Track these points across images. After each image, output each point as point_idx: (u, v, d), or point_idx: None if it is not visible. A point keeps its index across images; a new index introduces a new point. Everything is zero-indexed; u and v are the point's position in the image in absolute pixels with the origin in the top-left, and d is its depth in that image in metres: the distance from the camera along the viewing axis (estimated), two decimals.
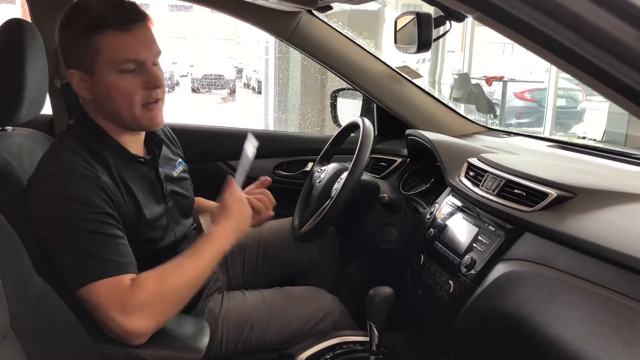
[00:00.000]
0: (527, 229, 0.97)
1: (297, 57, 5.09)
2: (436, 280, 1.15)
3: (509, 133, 1.75)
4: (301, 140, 2.00)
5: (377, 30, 6.92)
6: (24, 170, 1.05)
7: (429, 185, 1.53)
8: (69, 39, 1.00)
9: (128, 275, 0.93)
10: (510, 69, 9.76)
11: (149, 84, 1.01)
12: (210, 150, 1.87)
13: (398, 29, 1.49)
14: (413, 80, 1.79)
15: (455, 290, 1.07)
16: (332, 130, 1.92)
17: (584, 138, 6.25)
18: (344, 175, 1.36)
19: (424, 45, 1.36)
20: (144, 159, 1.11)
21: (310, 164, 1.83)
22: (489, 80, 7.91)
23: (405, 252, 1.38)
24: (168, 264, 0.98)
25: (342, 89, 2.05)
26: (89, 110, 1.06)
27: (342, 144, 1.61)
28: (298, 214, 1.53)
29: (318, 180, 1.51)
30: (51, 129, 1.68)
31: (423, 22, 1.35)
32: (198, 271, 1.00)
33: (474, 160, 1.26)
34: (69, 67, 1.02)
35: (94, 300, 0.90)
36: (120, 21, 0.97)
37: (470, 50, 9.12)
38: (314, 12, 1.68)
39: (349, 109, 2.08)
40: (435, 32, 1.38)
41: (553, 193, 0.96)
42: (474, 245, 1.07)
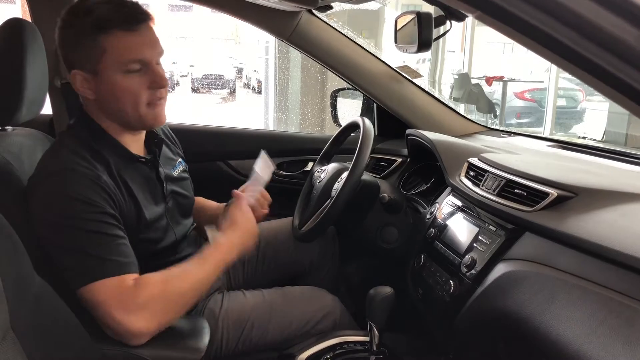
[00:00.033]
0: (528, 229, 0.97)
1: (297, 57, 5.09)
2: (436, 280, 1.15)
3: (509, 133, 1.75)
4: (301, 140, 2.00)
5: (377, 30, 6.92)
6: (24, 170, 1.05)
7: (429, 185, 1.53)
8: (72, 39, 0.99)
9: (130, 275, 0.93)
10: (510, 68, 9.76)
11: (155, 83, 1.02)
12: (211, 150, 1.87)
13: (398, 29, 1.49)
14: (413, 80, 1.79)
15: (455, 290, 1.07)
16: (332, 130, 1.92)
17: (584, 138, 6.24)
18: (344, 175, 1.36)
19: (425, 44, 1.36)
20: (144, 159, 1.11)
21: (311, 164, 1.83)
22: (489, 80, 7.91)
23: (406, 252, 1.38)
24: (173, 267, 0.99)
25: (342, 89, 2.05)
26: (89, 110, 1.06)
27: (343, 144, 1.61)
28: (298, 214, 1.53)
29: (318, 180, 1.51)
30: (51, 129, 1.68)
31: (423, 22, 1.35)
32: (202, 277, 1.00)
33: (475, 160, 1.26)
34: (71, 68, 1.01)
35: (95, 299, 0.90)
36: (126, 21, 0.98)
37: (471, 50, 9.12)
38: (314, 12, 1.68)
39: (349, 108, 2.08)
40: (435, 32, 1.38)
41: (553, 193, 0.96)
42: (475, 245, 1.07)
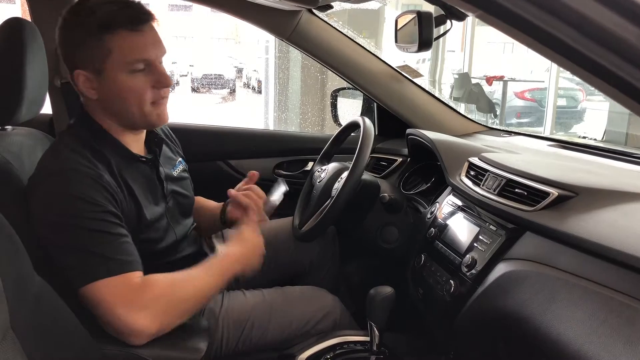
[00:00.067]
0: (528, 229, 0.97)
1: (298, 57, 5.08)
2: (437, 280, 1.15)
3: (510, 132, 1.75)
4: (301, 140, 2.00)
5: (378, 30, 6.91)
6: (24, 170, 1.05)
7: (429, 184, 1.52)
8: (75, 39, 0.99)
9: (134, 274, 0.93)
10: (510, 68, 9.76)
11: (159, 83, 1.02)
12: (211, 149, 1.87)
13: (399, 28, 1.49)
14: (414, 79, 1.79)
15: (456, 290, 1.07)
16: (333, 129, 1.92)
17: (584, 138, 6.24)
18: (345, 174, 1.36)
19: (425, 44, 1.36)
20: (145, 158, 1.10)
21: (311, 164, 1.82)
22: (490, 80, 7.90)
23: (406, 252, 1.38)
24: (179, 272, 1.00)
25: (343, 88, 2.05)
26: (90, 109, 1.05)
27: (343, 144, 1.61)
28: (298, 214, 1.53)
29: (318, 180, 1.51)
30: (51, 129, 1.68)
31: (424, 21, 1.35)
32: (207, 284, 1.01)
33: (475, 160, 1.26)
34: (74, 68, 1.00)
35: (99, 297, 0.90)
36: (131, 21, 0.98)
37: (471, 50, 9.12)
38: (314, 11, 1.68)
39: (350, 108, 2.08)
40: (435, 31, 1.38)
41: (554, 192, 0.96)
42: (475, 244, 1.07)
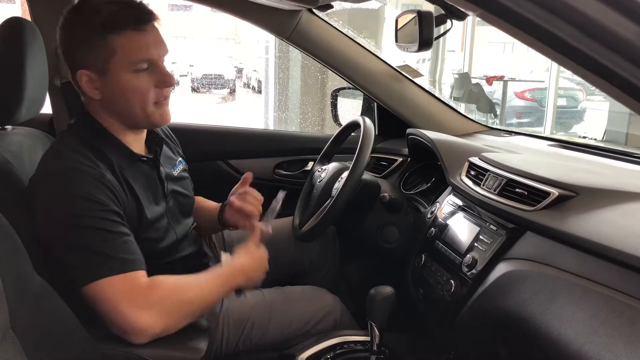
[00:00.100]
0: (529, 228, 0.97)
1: (298, 56, 5.08)
2: (437, 280, 1.15)
3: (510, 132, 1.75)
4: (301, 140, 2.00)
5: (378, 30, 6.91)
6: (24, 169, 1.05)
7: (429, 184, 1.52)
8: (78, 39, 0.99)
9: (139, 272, 0.94)
10: (510, 68, 9.76)
11: (162, 82, 1.02)
12: (211, 149, 1.87)
13: (399, 28, 1.49)
14: (414, 79, 1.78)
15: (456, 290, 1.07)
16: (333, 129, 1.92)
17: (584, 137, 6.23)
18: (345, 174, 1.36)
19: (425, 43, 1.36)
20: (146, 158, 1.10)
21: (311, 164, 1.82)
22: (490, 80, 7.90)
23: (406, 252, 1.38)
24: (185, 276, 1.00)
25: (343, 88, 2.05)
26: (92, 109, 1.05)
27: (343, 143, 1.61)
28: (298, 214, 1.52)
29: (319, 180, 1.51)
30: (51, 128, 1.68)
31: (424, 21, 1.35)
32: (211, 291, 1.02)
33: (475, 160, 1.25)
34: (76, 68, 1.00)
35: (102, 296, 0.90)
36: (135, 21, 0.98)
37: (471, 50, 9.11)
38: (315, 11, 1.68)
39: (350, 108, 2.08)
40: (436, 31, 1.38)
41: (554, 192, 0.96)
42: (475, 244, 1.07)
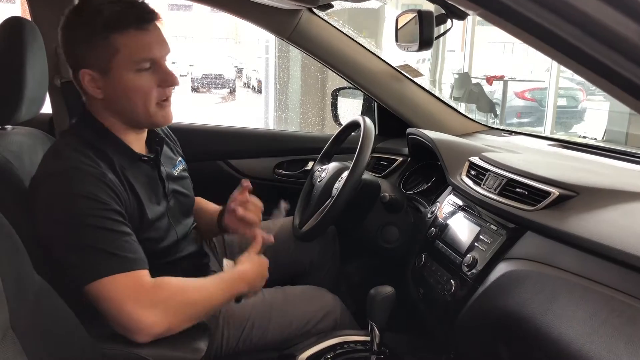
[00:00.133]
0: (529, 228, 0.97)
1: (298, 56, 5.08)
2: (437, 280, 1.15)
3: (510, 132, 1.74)
4: (302, 139, 1.99)
5: (378, 29, 6.90)
6: (24, 169, 1.05)
7: (430, 184, 1.52)
8: (80, 38, 0.99)
9: (143, 272, 0.94)
10: (510, 68, 9.76)
11: (165, 82, 1.02)
12: (211, 149, 1.87)
13: (399, 27, 1.48)
14: (414, 78, 1.78)
15: (456, 290, 1.06)
16: (333, 129, 1.92)
17: (584, 137, 6.23)
18: (345, 174, 1.36)
19: (426, 43, 1.36)
20: (147, 158, 1.10)
21: (311, 163, 1.82)
22: (490, 80, 7.90)
23: (406, 252, 1.38)
24: (189, 279, 1.01)
25: (343, 88, 2.05)
26: (93, 109, 1.05)
27: (343, 143, 1.61)
28: (299, 213, 1.52)
29: (319, 180, 1.51)
30: (51, 128, 1.68)
31: (424, 20, 1.35)
32: (215, 295, 1.02)
33: (475, 159, 1.25)
34: (79, 67, 1.00)
35: (106, 294, 0.90)
36: (138, 20, 0.98)
37: (471, 50, 9.11)
38: (315, 11, 1.68)
39: (350, 107, 2.08)
40: (436, 31, 1.37)
41: (555, 192, 0.96)
42: (476, 244, 1.07)
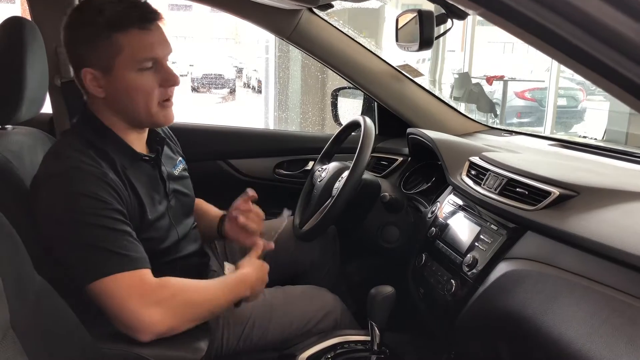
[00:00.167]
0: (530, 228, 0.97)
1: (298, 56, 5.08)
2: (438, 280, 1.15)
3: (511, 132, 1.74)
4: (302, 139, 1.99)
5: (378, 29, 6.90)
6: (24, 169, 1.05)
7: (430, 184, 1.52)
8: (83, 38, 0.99)
9: (146, 270, 0.94)
10: (510, 68, 9.76)
11: (167, 81, 1.03)
12: (211, 149, 1.87)
13: (399, 27, 1.49)
14: (414, 78, 1.78)
15: (457, 290, 1.06)
16: (333, 129, 1.92)
17: (584, 137, 6.23)
18: (345, 174, 1.36)
19: (426, 43, 1.36)
20: (148, 157, 1.11)
21: (311, 163, 1.82)
22: (490, 80, 7.90)
23: (407, 251, 1.38)
24: (193, 280, 1.01)
25: (343, 88, 2.05)
26: (95, 108, 1.05)
27: (343, 143, 1.61)
28: (299, 213, 1.52)
29: (319, 179, 1.51)
30: (51, 128, 1.68)
31: (425, 20, 1.35)
32: (217, 298, 1.03)
33: (476, 159, 1.25)
34: (81, 66, 1.00)
35: (110, 292, 0.90)
36: (141, 20, 0.98)
37: (471, 50, 9.11)
38: (315, 11, 1.68)
39: (350, 107, 2.08)
40: (436, 30, 1.37)
41: (555, 192, 0.96)
42: (476, 244, 1.07)
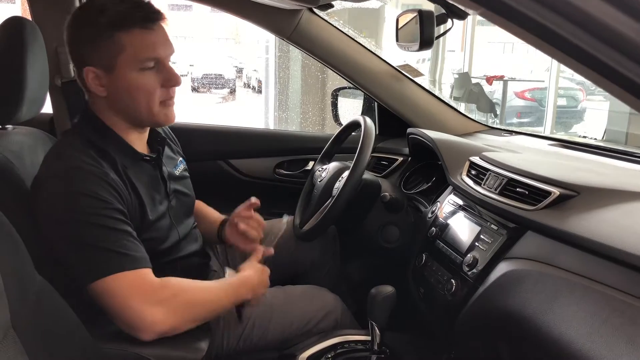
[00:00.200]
0: (530, 228, 0.97)
1: (298, 56, 5.08)
2: (438, 279, 1.15)
3: (511, 132, 1.74)
4: (302, 139, 1.99)
5: (378, 29, 6.90)
6: (25, 169, 1.05)
7: (430, 184, 1.52)
8: (86, 36, 0.99)
9: (148, 270, 0.95)
10: (510, 68, 9.77)
11: (169, 82, 1.03)
12: (211, 149, 1.87)
13: (400, 27, 1.49)
14: (414, 78, 1.78)
15: (457, 290, 1.06)
16: (333, 129, 1.92)
17: (584, 137, 6.23)
18: (345, 174, 1.36)
19: (426, 43, 1.36)
20: (149, 157, 1.11)
21: (312, 163, 1.82)
22: (490, 80, 7.90)
23: (407, 251, 1.38)
24: (195, 281, 1.02)
25: (343, 88, 2.05)
26: (96, 107, 1.05)
27: (343, 143, 1.61)
28: (299, 213, 1.52)
29: (319, 179, 1.51)
30: (52, 128, 1.68)
31: (425, 20, 1.35)
32: (219, 299, 1.03)
33: (476, 159, 1.25)
34: (83, 65, 1.00)
35: (112, 291, 0.90)
36: (144, 20, 0.99)
37: (471, 50, 9.12)
38: (315, 11, 1.68)
39: (350, 107, 2.08)
40: (436, 30, 1.38)
41: (555, 191, 0.96)
42: (476, 244, 1.07)
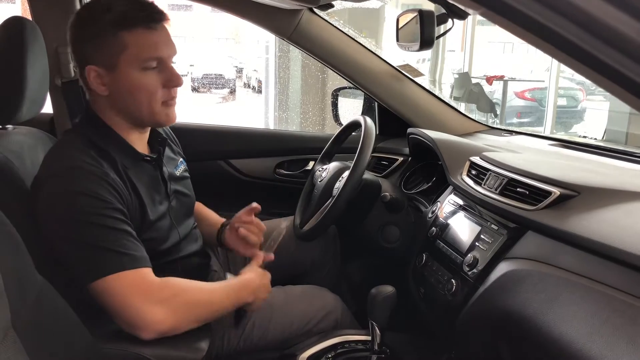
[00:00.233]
0: (530, 228, 0.97)
1: (298, 56, 5.08)
2: (438, 279, 1.15)
3: (511, 132, 1.74)
4: (302, 139, 1.99)
5: (378, 29, 6.91)
6: (25, 169, 1.05)
7: (430, 184, 1.52)
8: (89, 35, 1.00)
9: (148, 269, 0.95)
10: (510, 68, 9.77)
11: (170, 82, 1.03)
12: (212, 149, 1.87)
13: (400, 27, 1.49)
14: (414, 78, 1.78)
15: (457, 289, 1.06)
16: (333, 129, 1.92)
17: (584, 137, 6.23)
18: (346, 174, 1.36)
19: (427, 43, 1.36)
20: (149, 157, 1.11)
21: (312, 163, 1.82)
22: (490, 80, 7.90)
23: (407, 251, 1.38)
24: (196, 281, 1.02)
25: (343, 88, 2.05)
26: (97, 107, 1.06)
27: (344, 143, 1.61)
28: (299, 213, 1.52)
29: (319, 179, 1.51)
30: (52, 128, 1.68)
31: (425, 20, 1.35)
32: (221, 300, 1.03)
33: (476, 159, 1.25)
34: (86, 63, 1.01)
35: (113, 290, 0.91)
36: (148, 20, 0.99)
37: (471, 50, 9.12)
38: (315, 10, 1.68)
39: (350, 107, 2.08)
40: (437, 30, 1.38)
41: (556, 191, 0.96)
42: (477, 244, 1.07)
